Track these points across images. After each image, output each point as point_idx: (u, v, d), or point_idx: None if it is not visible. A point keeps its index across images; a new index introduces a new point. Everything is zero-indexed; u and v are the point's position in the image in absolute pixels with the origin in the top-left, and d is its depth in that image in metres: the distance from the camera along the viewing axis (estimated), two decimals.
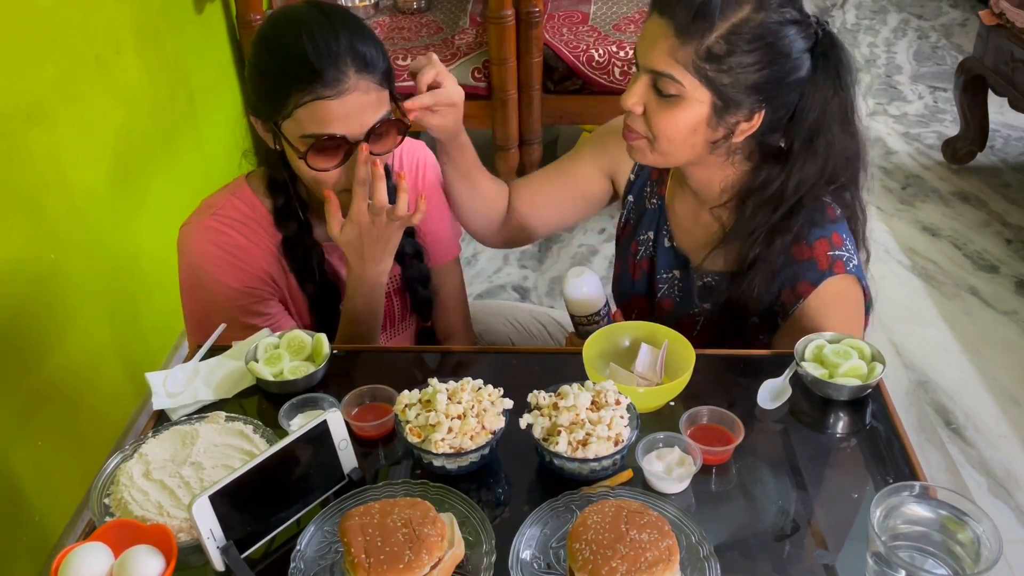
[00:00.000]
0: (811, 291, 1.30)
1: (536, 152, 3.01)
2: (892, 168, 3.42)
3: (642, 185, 1.49)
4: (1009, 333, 2.57)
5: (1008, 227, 3.04)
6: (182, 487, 1.05)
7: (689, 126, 1.23)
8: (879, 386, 1.22)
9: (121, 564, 0.94)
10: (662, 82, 1.21)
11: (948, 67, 4.16)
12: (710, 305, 1.41)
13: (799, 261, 1.31)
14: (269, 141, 1.31)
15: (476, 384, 1.12)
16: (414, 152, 1.53)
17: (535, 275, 2.89)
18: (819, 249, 1.30)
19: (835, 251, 1.30)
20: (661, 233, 1.46)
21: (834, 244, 1.31)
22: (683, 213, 1.44)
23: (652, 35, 1.21)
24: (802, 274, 1.31)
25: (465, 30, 3.02)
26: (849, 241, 1.33)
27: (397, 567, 0.91)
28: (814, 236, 1.31)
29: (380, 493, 1.06)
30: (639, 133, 1.27)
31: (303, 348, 1.28)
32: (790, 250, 1.31)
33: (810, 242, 1.31)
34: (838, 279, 1.30)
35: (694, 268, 1.43)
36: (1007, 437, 2.21)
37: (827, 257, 1.30)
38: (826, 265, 1.30)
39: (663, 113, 1.23)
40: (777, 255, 1.31)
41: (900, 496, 0.97)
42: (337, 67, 1.21)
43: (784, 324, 1.34)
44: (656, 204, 1.47)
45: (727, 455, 1.11)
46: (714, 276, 1.40)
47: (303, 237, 1.40)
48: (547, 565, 0.98)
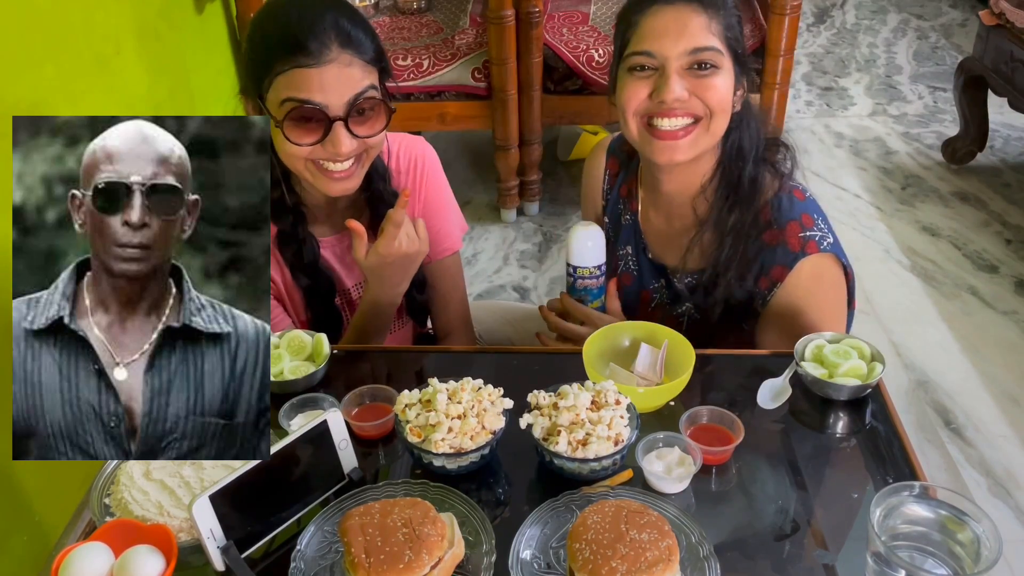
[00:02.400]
0: (785, 274, 1.31)
1: (536, 152, 3.01)
2: (892, 168, 3.42)
3: (615, 202, 1.52)
4: (1009, 333, 2.57)
5: (1008, 227, 3.04)
6: (182, 487, 1.05)
7: (730, 92, 1.29)
8: (879, 386, 1.22)
9: (121, 564, 0.94)
10: (704, 55, 1.26)
11: (948, 67, 4.16)
12: (692, 304, 1.42)
13: (771, 246, 1.32)
14: None
15: (476, 384, 1.12)
16: (412, 147, 1.51)
17: (535, 275, 2.89)
18: (790, 231, 1.31)
19: (806, 232, 1.31)
20: (640, 246, 1.48)
21: (804, 225, 1.31)
22: (657, 222, 1.46)
23: (676, 22, 1.25)
24: (776, 258, 1.32)
25: (465, 30, 3.02)
26: (821, 220, 1.34)
27: (397, 567, 0.91)
28: (783, 220, 1.32)
29: (380, 493, 1.06)
30: (694, 115, 1.29)
31: (303, 348, 1.28)
32: (762, 237, 1.33)
33: (780, 225, 1.32)
34: (813, 259, 1.31)
35: (672, 271, 1.44)
36: (1007, 437, 2.21)
37: (799, 239, 1.31)
38: (798, 246, 1.30)
39: (709, 86, 1.27)
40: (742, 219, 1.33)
41: (900, 496, 0.97)
42: (319, 39, 1.23)
43: (763, 312, 1.35)
44: (630, 220, 1.50)
45: (727, 455, 1.11)
46: (694, 275, 1.42)
47: (297, 230, 1.40)
48: (547, 565, 0.98)
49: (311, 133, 1.26)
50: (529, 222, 3.16)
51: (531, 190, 3.12)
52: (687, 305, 1.43)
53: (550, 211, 3.21)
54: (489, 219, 3.17)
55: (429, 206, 1.52)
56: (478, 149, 3.59)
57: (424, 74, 2.83)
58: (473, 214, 3.19)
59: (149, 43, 2.34)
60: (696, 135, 1.30)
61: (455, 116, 2.90)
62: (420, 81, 2.83)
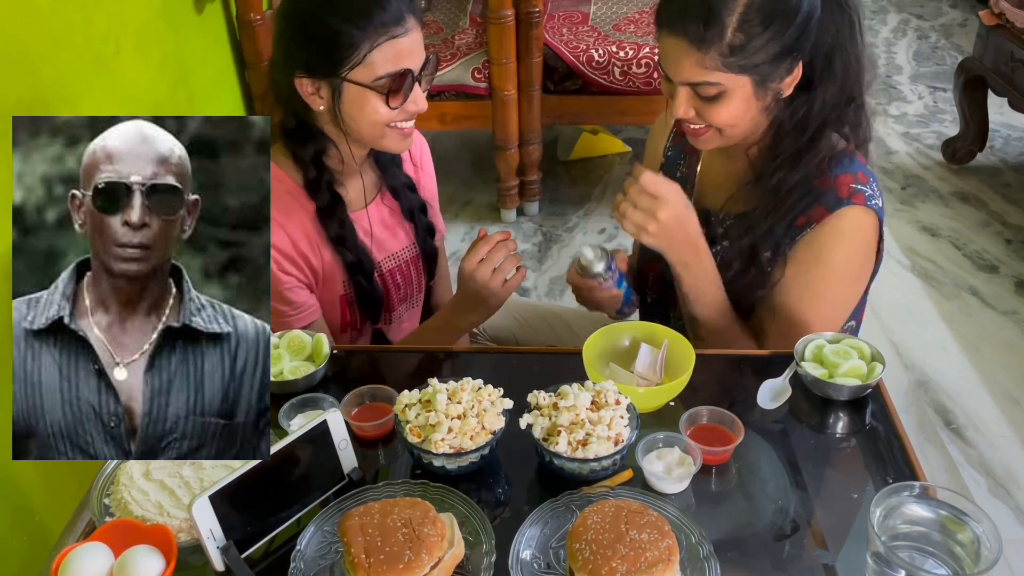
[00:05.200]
0: (825, 216, 1.30)
1: (536, 152, 3.01)
2: (892, 168, 3.42)
3: (674, 159, 1.53)
4: (1009, 333, 2.57)
5: (1008, 227, 3.04)
6: (182, 487, 1.05)
7: (742, 109, 1.27)
8: (879, 386, 1.22)
9: (121, 564, 0.94)
10: (701, 88, 1.26)
11: (948, 67, 4.16)
12: (728, 242, 1.42)
13: (820, 190, 1.31)
14: (316, 103, 1.33)
15: (476, 384, 1.12)
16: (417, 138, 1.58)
17: (535, 275, 2.90)
18: (842, 180, 1.31)
19: (858, 185, 1.31)
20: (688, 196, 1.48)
21: (859, 180, 1.31)
22: (715, 166, 1.47)
23: (673, 53, 1.25)
24: (819, 200, 1.31)
25: (465, 30, 3.02)
26: (875, 185, 1.33)
27: (397, 567, 0.91)
28: (839, 170, 1.31)
29: (380, 493, 1.06)
30: (703, 128, 1.31)
31: (303, 348, 1.28)
32: (813, 181, 1.32)
33: (833, 174, 1.31)
34: (857, 210, 1.30)
35: (715, 212, 1.44)
36: (1007, 437, 2.21)
37: (848, 188, 1.30)
38: (846, 194, 1.30)
39: (715, 110, 1.27)
40: (800, 177, 1.32)
41: (900, 496, 0.97)
42: (400, 8, 1.29)
43: (791, 250, 1.33)
44: (685, 172, 1.51)
45: (727, 455, 1.11)
46: (735, 217, 1.41)
47: (336, 207, 1.42)
48: (547, 565, 0.98)
49: (399, 96, 1.32)
50: (529, 222, 3.16)
51: (531, 190, 3.12)
52: (723, 243, 1.42)
53: (550, 211, 3.21)
54: (489, 219, 3.17)
55: (430, 191, 1.63)
56: (478, 149, 3.59)
57: None
58: (473, 214, 3.19)
59: (149, 43, 2.34)
60: (709, 137, 1.32)
61: (455, 116, 2.90)
62: None
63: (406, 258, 1.57)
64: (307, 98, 1.34)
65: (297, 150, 1.40)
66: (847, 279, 1.36)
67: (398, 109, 1.33)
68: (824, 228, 1.31)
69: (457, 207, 3.24)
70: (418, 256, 1.59)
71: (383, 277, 1.53)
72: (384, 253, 1.53)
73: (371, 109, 1.32)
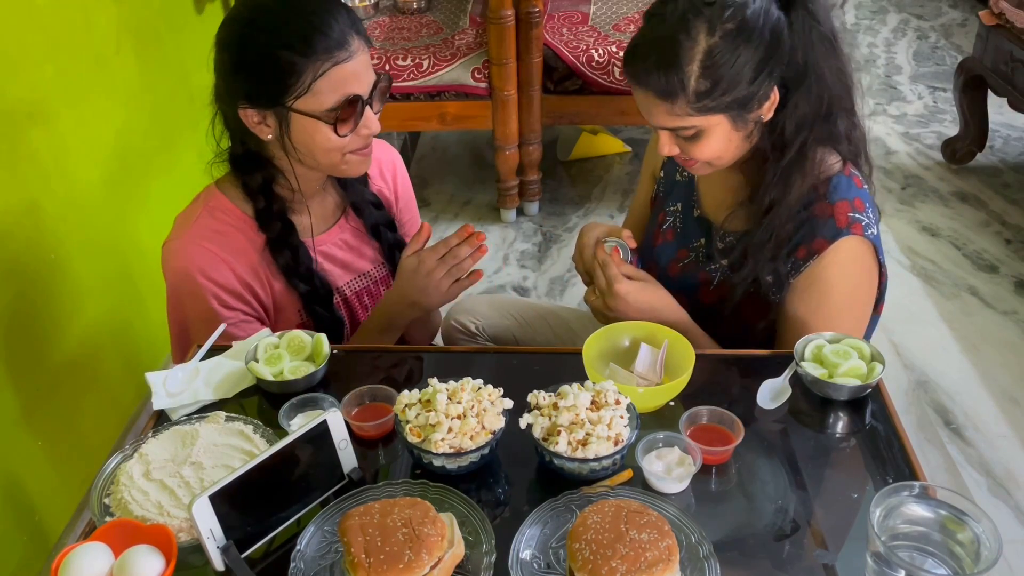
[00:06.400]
0: (826, 247, 1.31)
1: (536, 152, 3.01)
2: (892, 168, 3.42)
3: (675, 164, 1.54)
4: (1009, 333, 2.57)
5: (1007, 227, 3.04)
6: (182, 487, 1.05)
7: (723, 143, 1.29)
8: (879, 386, 1.22)
9: (121, 564, 0.94)
10: (679, 131, 1.28)
11: (948, 67, 4.16)
12: (728, 261, 1.42)
13: (818, 218, 1.32)
14: (263, 133, 1.30)
15: (476, 384, 1.12)
16: (386, 153, 1.60)
17: (535, 275, 2.89)
18: (840, 209, 1.31)
19: (856, 214, 1.31)
20: (690, 203, 1.50)
21: (855, 207, 1.32)
22: (714, 179, 1.47)
23: (644, 104, 1.28)
24: (819, 231, 1.32)
25: (465, 30, 3.02)
26: (872, 211, 1.34)
27: (397, 567, 0.91)
28: (837, 197, 1.32)
29: (380, 493, 1.06)
30: (692, 160, 1.33)
31: (303, 348, 1.28)
32: (812, 208, 1.32)
33: (832, 201, 1.32)
34: (855, 240, 1.31)
35: (716, 228, 1.45)
36: (1007, 437, 2.21)
37: (847, 217, 1.31)
38: (844, 224, 1.30)
39: (696, 147, 1.29)
40: (794, 195, 1.31)
41: (900, 496, 0.97)
42: (343, 31, 1.25)
43: (795, 281, 1.34)
44: (686, 177, 1.52)
45: (727, 455, 1.11)
46: (735, 235, 1.42)
47: (288, 236, 1.39)
48: (547, 565, 0.98)
49: (351, 123, 1.29)
50: (529, 222, 3.16)
51: (531, 190, 3.12)
52: (721, 262, 1.43)
53: (550, 211, 3.21)
54: (489, 219, 3.16)
55: (405, 200, 1.64)
56: (478, 149, 3.59)
57: (424, 74, 2.83)
58: (473, 214, 3.19)
59: (149, 43, 2.34)
60: (699, 167, 1.35)
61: (455, 116, 2.90)
62: (420, 81, 2.83)
63: (376, 277, 1.54)
64: (253, 128, 1.30)
65: (246, 179, 1.37)
66: (856, 308, 1.37)
67: (351, 136, 1.30)
68: (825, 261, 1.31)
69: (457, 207, 3.24)
70: (388, 275, 1.56)
71: (347, 300, 1.51)
72: (351, 274, 1.51)
73: (323, 138, 1.28)
